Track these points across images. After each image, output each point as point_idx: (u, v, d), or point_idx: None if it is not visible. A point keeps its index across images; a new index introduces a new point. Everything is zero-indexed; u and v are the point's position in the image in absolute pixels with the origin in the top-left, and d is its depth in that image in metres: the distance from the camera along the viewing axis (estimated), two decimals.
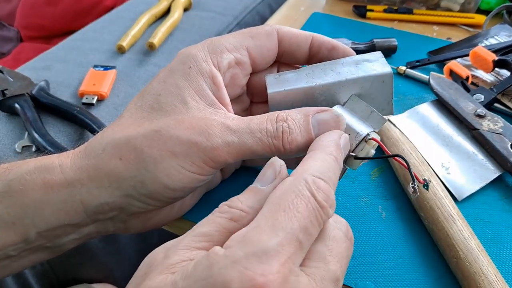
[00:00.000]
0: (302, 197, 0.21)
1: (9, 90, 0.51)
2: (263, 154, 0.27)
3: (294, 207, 0.20)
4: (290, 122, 0.27)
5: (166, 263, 0.21)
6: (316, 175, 0.22)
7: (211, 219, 0.22)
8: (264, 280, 0.18)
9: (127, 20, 0.71)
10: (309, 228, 0.20)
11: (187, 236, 0.22)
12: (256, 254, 0.18)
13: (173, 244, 0.22)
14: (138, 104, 0.29)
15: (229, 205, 0.23)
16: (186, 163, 0.26)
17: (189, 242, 0.21)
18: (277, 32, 0.32)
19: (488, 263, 0.29)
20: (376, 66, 0.30)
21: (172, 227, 0.36)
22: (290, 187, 0.21)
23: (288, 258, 0.19)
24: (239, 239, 0.19)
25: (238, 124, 0.27)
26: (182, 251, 0.21)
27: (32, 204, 0.26)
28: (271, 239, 0.19)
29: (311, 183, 0.22)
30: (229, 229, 0.22)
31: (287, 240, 0.19)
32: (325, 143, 0.25)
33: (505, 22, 0.60)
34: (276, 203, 0.21)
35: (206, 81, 0.28)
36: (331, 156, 0.24)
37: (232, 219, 0.22)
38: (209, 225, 0.22)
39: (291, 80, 0.31)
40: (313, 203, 0.21)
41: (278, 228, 0.19)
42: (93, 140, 0.28)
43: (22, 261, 0.28)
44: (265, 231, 0.19)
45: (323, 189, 0.22)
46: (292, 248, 0.19)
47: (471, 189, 0.36)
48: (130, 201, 0.27)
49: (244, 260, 0.18)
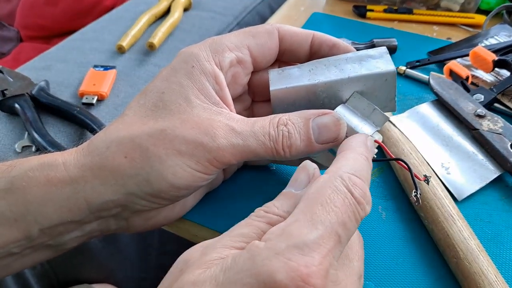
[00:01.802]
0: (339, 192, 0.21)
1: (9, 90, 0.51)
2: (265, 157, 0.28)
3: (331, 202, 0.21)
4: (290, 126, 0.27)
5: (203, 259, 0.21)
6: (351, 172, 0.22)
7: (249, 222, 0.23)
8: (308, 271, 0.18)
9: (127, 20, 0.71)
10: (347, 223, 0.21)
11: (225, 236, 0.22)
12: (298, 246, 0.19)
13: (211, 243, 0.22)
14: (141, 102, 0.29)
15: (266, 210, 0.23)
16: (191, 162, 0.26)
17: (228, 241, 0.22)
18: (278, 30, 0.32)
19: (488, 263, 0.29)
20: (380, 63, 0.30)
21: (172, 227, 0.36)
22: (326, 183, 0.22)
23: (328, 251, 0.19)
24: (279, 232, 0.20)
25: (242, 127, 0.27)
26: (221, 249, 0.21)
27: (34, 201, 0.26)
28: (311, 232, 0.19)
29: (347, 180, 0.22)
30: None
31: (326, 234, 0.20)
32: (354, 144, 0.26)
33: (505, 22, 0.60)
34: (313, 198, 0.21)
35: (209, 81, 0.28)
36: (363, 155, 0.25)
37: (269, 223, 0.22)
38: (248, 227, 0.22)
39: (293, 76, 0.31)
40: (350, 198, 0.21)
41: (317, 222, 0.20)
42: (96, 138, 0.28)
43: (24, 260, 0.28)
44: (305, 225, 0.20)
45: (359, 185, 0.22)
46: (331, 242, 0.20)
47: (471, 189, 0.36)
48: (134, 199, 0.27)
49: (287, 252, 0.19)
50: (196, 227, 0.35)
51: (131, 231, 0.31)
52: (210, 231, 0.34)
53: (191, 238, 0.35)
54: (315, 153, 0.28)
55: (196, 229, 0.35)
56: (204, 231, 0.35)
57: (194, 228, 0.35)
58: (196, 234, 0.35)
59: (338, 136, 0.28)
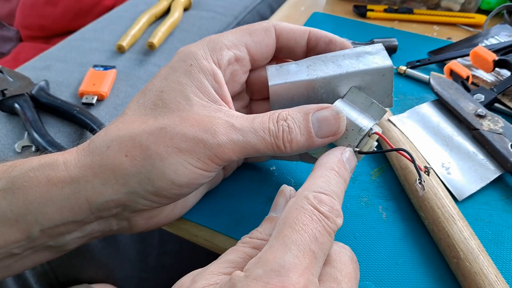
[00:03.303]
0: (305, 211, 0.22)
1: (9, 90, 0.50)
2: (266, 152, 0.28)
3: (299, 221, 0.21)
4: (290, 121, 0.27)
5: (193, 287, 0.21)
6: (317, 190, 0.23)
7: (235, 249, 0.24)
8: None
9: (127, 20, 0.71)
10: (318, 238, 0.21)
11: (214, 264, 0.23)
12: (274, 269, 0.19)
13: (200, 271, 0.23)
14: (141, 101, 0.29)
15: (250, 236, 0.25)
16: (192, 159, 0.26)
17: (215, 268, 0.22)
18: (275, 28, 0.32)
19: (489, 263, 0.29)
20: (377, 59, 0.30)
21: (172, 227, 0.36)
22: (293, 206, 0.22)
23: (305, 268, 0.20)
24: (255, 261, 0.20)
25: (242, 123, 0.27)
26: (209, 276, 0.22)
27: (35, 200, 0.26)
28: (285, 253, 0.20)
29: (312, 199, 0.22)
30: (252, 256, 0.23)
31: (300, 252, 0.20)
32: (325, 161, 0.26)
33: (505, 22, 0.59)
34: (283, 223, 0.22)
35: (208, 79, 0.29)
36: (332, 171, 0.25)
37: (254, 247, 0.24)
38: (234, 254, 0.23)
39: (292, 72, 0.31)
40: (317, 214, 0.22)
41: (289, 243, 0.20)
42: (96, 138, 0.28)
43: (24, 261, 0.28)
44: (278, 249, 0.20)
45: (326, 201, 0.23)
46: (307, 259, 0.20)
47: (472, 189, 0.36)
48: (135, 198, 0.27)
49: (264, 276, 0.19)
50: (196, 227, 0.35)
51: (133, 231, 0.30)
52: (210, 231, 0.34)
53: (191, 238, 0.35)
54: (315, 147, 0.28)
55: (196, 229, 0.35)
56: (204, 231, 0.35)
57: (194, 228, 0.35)
58: (196, 234, 0.35)
59: (338, 129, 0.28)
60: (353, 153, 0.28)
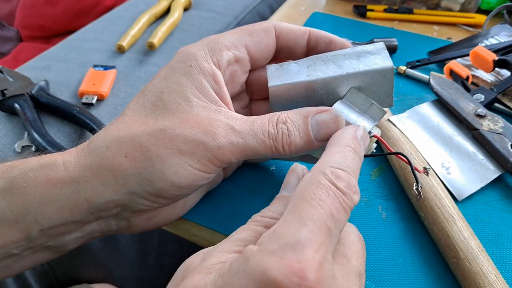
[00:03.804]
0: (322, 187, 0.21)
1: (8, 90, 0.50)
2: (265, 155, 0.28)
3: (316, 197, 0.21)
4: (289, 124, 0.27)
5: (204, 265, 0.21)
6: (334, 166, 0.23)
7: (247, 227, 0.24)
8: (301, 266, 0.18)
9: (127, 20, 0.71)
10: (335, 214, 0.21)
11: (224, 242, 0.23)
12: (289, 244, 0.19)
13: (210, 249, 0.23)
14: (140, 102, 0.29)
15: (262, 215, 0.24)
16: (192, 161, 0.26)
17: (226, 246, 0.22)
18: (275, 28, 0.32)
19: (488, 263, 0.29)
20: (378, 59, 0.30)
21: (172, 227, 0.36)
22: (310, 181, 0.22)
23: (320, 244, 0.19)
24: (270, 235, 0.20)
25: (242, 125, 0.27)
26: (220, 253, 0.22)
27: (34, 201, 0.26)
28: (301, 229, 0.20)
29: (330, 174, 0.22)
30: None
31: (316, 228, 0.20)
32: (340, 137, 0.26)
33: (505, 22, 0.59)
34: (299, 197, 0.21)
35: (208, 80, 0.29)
36: (348, 147, 0.25)
37: (265, 226, 0.23)
38: (245, 232, 0.23)
39: (292, 72, 0.31)
40: (334, 190, 0.21)
41: (305, 218, 0.20)
42: (95, 138, 0.28)
43: (24, 261, 0.28)
44: (294, 223, 0.20)
45: (343, 177, 0.22)
46: (323, 235, 0.20)
47: (471, 189, 0.36)
48: (135, 198, 0.27)
49: (279, 250, 0.19)
50: (196, 227, 0.35)
51: (132, 231, 0.30)
52: (210, 231, 0.34)
53: (191, 238, 0.35)
54: (314, 150, 0.28)
55: (196, 229, 0.35)
56: (204, 231, 0.35)
57: (194, 228, 0.35)
58: (196, 234, 0.35)
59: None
60: (365, 131, 0.27)
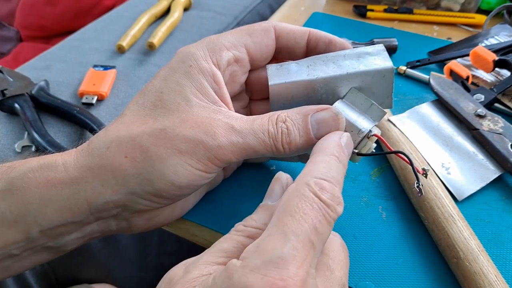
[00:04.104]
0: (306, 199, 0.21)
1: (8, 90, 0.50)
2: (265, 154, 0.28)
3: (300, 210, 0.21)
4: (288, 123, 0.27)
5: (186, 277, 0.21)
6: (318, 177, 0.22)
7: (229, 237, 0.23)
8: (284, 284, 0.18)
9: (127, 20, 0.71)
10: (318, 228, 0.21)
11: (207, 253, 0.22)
12: (272, 261, 0.19)
13: (193, 261, 0.22)
14: (140, 102, 0.29)
15: (244, 224, 0.24)
16: (192, 161, 0.26)
17: (209, 257, 0.22)
18: (274, 28, 0.32)
19: (489, 263, 0.29)
20: (378, 60, 0.30)
21: (172, 227, 0.36)
22: (294, 193, 0.22)
23: (303, 260, 0.19)
24: (254, 249, 0.20)
25: (241, 125, 0.27)
26: (202, 265, 0.21)
27: (34, 201, 0.26)
28: (285, 244, 0.19)
29: (313, 185, 0.22)
30: (246, 245, 0.22)
31: (299, 243, 0.20)
32: (324, 145, 0.25)
33: (505, 22, 0.59)
34: (282, 210, 0.21)
35: (207, 80, 0.29)
36: (332, 156, 0.24)
37: (248, 236, 0.23)
38: (228, 242, 0.23)
39: (292, 71, 0.31)
40: (318, 203, 0.21)
41: (289, 233, 0.20)
42: (95, 139, 0.28)
43: (23, 262, 0.28)
44: (277, 238, 0.20)
45: (327, 188, 0.22)
46: (306, 250, 0.20)
47: (471, 189, 0.36)
48: (135, 198, 0.27)
49: (262, 267, 0.19)
50: (196, 227, 0.35)
51: (132, 231, 0.30)
52: (210, 231, 0.34)
53: (190, 238, 0.35)
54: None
55: (196, 229, 0.35)
56: (203, 231, 0.35)
57: (193, 228, 0.35)
58: (196, 234, 0.35)
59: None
60: (350, 137, 0.27)
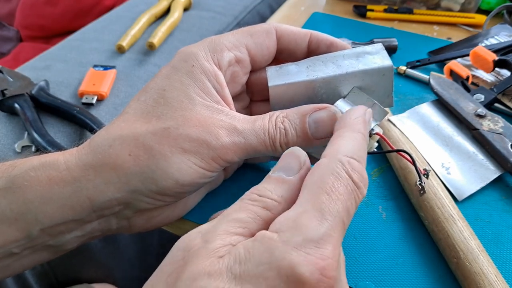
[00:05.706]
0: (341, 179, 0.22)
1: (8, 90, 0.50)
2: (266, 153, 0.28)
3: (336, 190, 0.21)
4: (286, 123, 0.28)
5: (209, 248, 0.20)
6: (350, 155, 0.23)
7: (244, 206, 0.22)
8: (324, 264, 0.19)
9: (127, 20, 0.71)
10: (350, 210, 0.21)
11: (222, 222, 0.22)
12: (313, 240, 0.19)
13: (209, 229, 0.22)
14: (142, 99, 0.29)
15: (259, 194, 0.23)
16: (196, 159, 0.27)
17: (227, 227, 0.21)
18: (276, 29, 0.32)
19: (489, 263, 0.29)
20: (377, 59, 0.30)
21: (172, 227, 0.36)
22: (328, 170, 0.22)
23: (337, 241, 0.20)
24: (291, 224, 0.20)
25: (244, 125, 0.28)
26: (223, 235, 0.21)
27: (35, 199, 0.26)
28: (323, 223, 0.20)
29: (347, 164, 0.22)
30: (263, 217, 0.22)
31: (335, 224, 0.20)
32: (352, 121, 0.26)
33: (505, 22, 0.59)
34: (318, 186, 0.21)
35: (210, 80, 0.29)
36: (360, 134, 0.25)
37: (265, 207, 0.22)
38: (244, 212, 0.22)
39: (292, 72, 0.31)
40: (351, 184, 0.22)
41: (326, 212, 0.20)
42: (97, 137, 0.28)
43: (23, 261, 0.28)
44: (315, 216, 0.20)
45: (357, 169, 0.22)
46: (340, 231, 0.20)
47: (471, 189, 0.36)
48: (138, 196, 0.27)
49: (304, 245, 0.19)
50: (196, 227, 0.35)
51: (132, 231, 0.30)
52: None
53: None
54: (313, 148, 0.28)
55: None
56: None
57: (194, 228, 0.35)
58: None
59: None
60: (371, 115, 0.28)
